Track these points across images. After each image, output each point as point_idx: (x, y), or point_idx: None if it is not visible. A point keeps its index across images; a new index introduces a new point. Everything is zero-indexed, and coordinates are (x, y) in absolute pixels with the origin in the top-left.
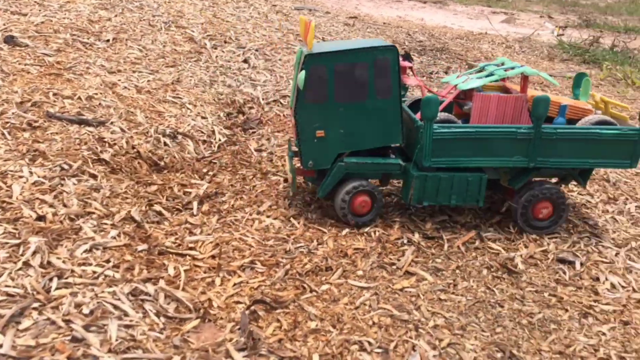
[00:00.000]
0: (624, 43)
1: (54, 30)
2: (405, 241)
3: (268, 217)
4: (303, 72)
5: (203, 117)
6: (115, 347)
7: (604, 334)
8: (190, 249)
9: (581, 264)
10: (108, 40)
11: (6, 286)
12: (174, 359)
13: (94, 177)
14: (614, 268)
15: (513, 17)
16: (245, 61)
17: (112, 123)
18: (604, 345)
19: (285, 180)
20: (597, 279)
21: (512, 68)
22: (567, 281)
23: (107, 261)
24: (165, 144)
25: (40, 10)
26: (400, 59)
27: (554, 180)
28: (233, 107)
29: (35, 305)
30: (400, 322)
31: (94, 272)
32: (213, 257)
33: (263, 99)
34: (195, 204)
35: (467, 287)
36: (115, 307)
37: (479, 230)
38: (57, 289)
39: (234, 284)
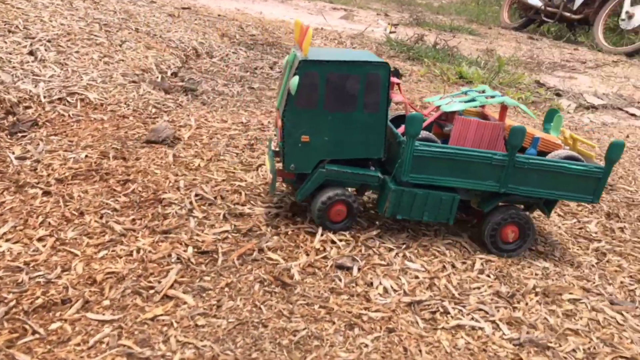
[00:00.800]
0: (445, 41)
1: None
2: (173, 259)
3: (7, 240)
4: (296, 77)
5: None
6: None
7: (366, 345)
8: None
9: (358, 269)
10: None
11: None
12: None
13: None
14: (390, 270)
15: (352, 14)
16: (31, 53)
17: None
18: (363, 359)
19: (48, 194)
20: (371, 284)
21: (493, 96)
22: (342, 289)
23: None
24: None
25: None
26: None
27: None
28: (1, 107)
29: None
30: None
31: None
32: None
33: (45, 97)
34: None
35: (233, 308)
36: None
37: (262, 239)
38: None
39: None
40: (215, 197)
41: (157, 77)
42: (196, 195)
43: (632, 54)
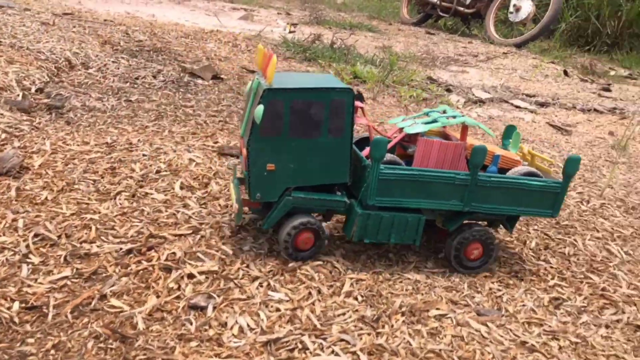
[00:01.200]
0: (342, 40)
1: None
2: None
3: None
4: (261, 106)
5: None
6: None
7: None
8: None
9: (214, 308)
10: None
11: None
12: None
13: None
14: (249, 305)
15: (252, 14)
16: None
17: None
18: None
19: None
20: (226, 325)
21: (454, 117)
22: (192, 334)
23: None
24: None
25: None
26: None
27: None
28: None
29: None
30: None
31: None
32: None
33: None
34: None
35: None
36: None
37: (106, 283)
38: None
39: None
40: (59, 236)
41: (18, 96)
42: (35, 235)
43: (520, 45)
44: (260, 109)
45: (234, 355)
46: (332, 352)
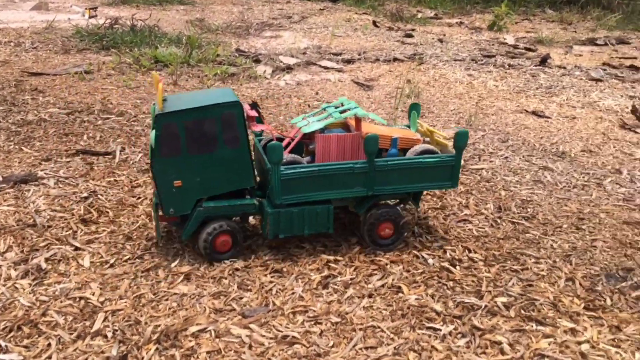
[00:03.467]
0: (142, 22)
1: None
2: None
3: None
4: (154, 131)
5: None
6: None
7: None
8: None
9: None
10: None
11: None
12: None
13: None
14: None
15: (46, 2)
16: None
17: None
18: None
19: None
20: None
21: (348, 109)
22: None
23: None
24: None
25: None
26: (248, 108)
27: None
28: None
29: None
30: None
31: None
32: None
33: None
34: None
35: None
36: None
37: None
38: None
39: None
40: None
41: None
42: None
43: (336, 0)
44: (152, 134)
45: None
46: None
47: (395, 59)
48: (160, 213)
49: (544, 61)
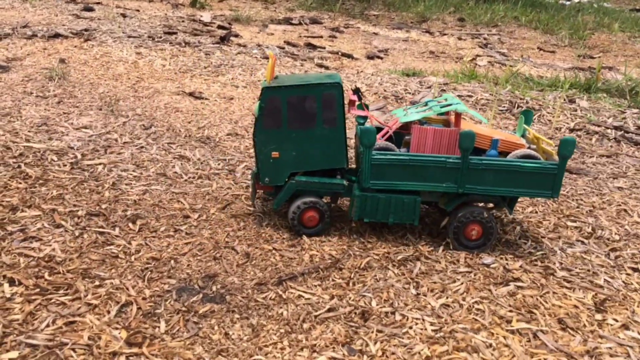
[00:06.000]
0: None
1: None
2: None
3: None
4: (257, 103)
5: None
6: None
7: None
8: None
9: None
10: None
11: None
12: None
13: None
14: None
15: None
16: None
17: None
18: None
19: None
20: None
21: (450, 105)
22: None
23: None
24: None
25: None
26: (351, 93)
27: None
28: None
29: None
30: None
31: None
32: None
33: None
34: None
35: None
36: None
37: None
38: None
39: None
40: None
41: None
42: None
43: None
44: (256, 105)
45: None
46: None
47: (57, 35)
48: (258, 182)
49: (224, 39)
